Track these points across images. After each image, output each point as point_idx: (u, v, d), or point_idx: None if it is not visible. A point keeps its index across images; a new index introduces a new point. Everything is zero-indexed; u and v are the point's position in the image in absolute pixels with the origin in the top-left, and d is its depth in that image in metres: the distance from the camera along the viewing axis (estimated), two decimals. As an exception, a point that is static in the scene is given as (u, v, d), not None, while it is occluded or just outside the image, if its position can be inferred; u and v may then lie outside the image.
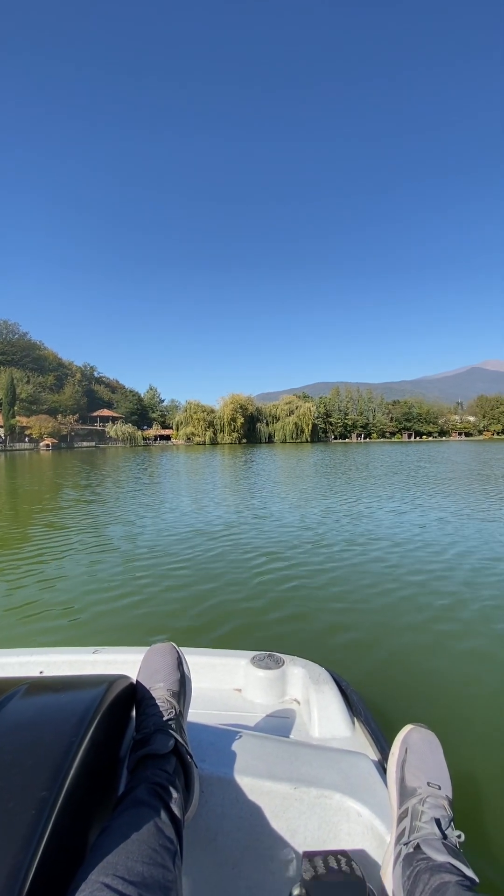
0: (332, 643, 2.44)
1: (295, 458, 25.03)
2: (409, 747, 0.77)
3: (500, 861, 1.14)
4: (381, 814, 0.75)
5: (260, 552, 4.38)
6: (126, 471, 16.73)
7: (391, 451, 32.73)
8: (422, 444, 58.12)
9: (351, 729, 1.12)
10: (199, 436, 71.89)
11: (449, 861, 0.59)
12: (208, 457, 28.59)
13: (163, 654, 0.88)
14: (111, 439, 69.42)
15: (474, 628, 2.59)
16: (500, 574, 3.58)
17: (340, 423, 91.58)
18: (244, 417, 74.21)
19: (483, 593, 3.15)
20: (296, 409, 75.89)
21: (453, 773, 0.74)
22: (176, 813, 0.61)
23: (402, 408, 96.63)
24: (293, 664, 1.32)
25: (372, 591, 3.22)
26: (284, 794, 0.78)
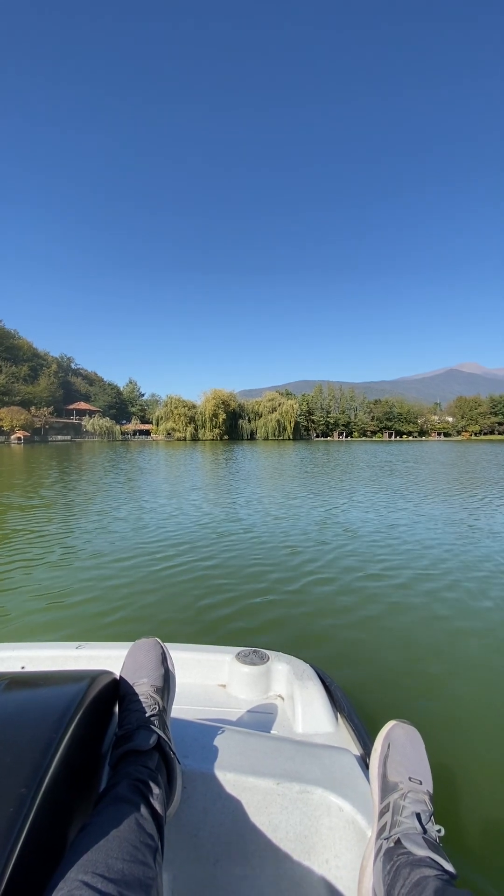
0: (317, 639, 2.44)
1: (278, 456, 24.22)
2: (392, 743, 0.77)
3: (477, 854, 1.18)
4: (362, 809, 0.76)
5: (245, 550, 4.30)
6: (96, 467, 15.55)
7: (375, 450, 32.26)
8: (403, 443, 58.27)
9: (334, 724, 1.13)
10: (179, 431, 70.34)
11: (429, 855, 0.59)
12: (189, 453, 27.53)
13: (147, 649, 0.87)
14: (88, 433, 67.12)
15: (457, 625, 2.61)
16: (482, 572, 3.61)
17: (323, 421, 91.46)
18: (226, 413, 73.00)
19: (465, 591, 3.16)
20: (278, 407, 75.09)
21: (434, 768, 0.74)
22: (157, 809, 0.61)
23: (384, 407, 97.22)
24: (278, 660, 1.32)
25: (356, 589, 3.22)
26: (267, 789, 0.78)
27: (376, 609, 2.87)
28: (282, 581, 3.40)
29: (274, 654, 1.35)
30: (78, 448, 36.51)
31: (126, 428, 76.87)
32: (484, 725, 1.74)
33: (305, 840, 0.77)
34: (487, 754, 1.57)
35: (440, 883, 0.54)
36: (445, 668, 2.15)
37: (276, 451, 29.41)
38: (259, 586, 3.28)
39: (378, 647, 2.36)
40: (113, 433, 69.00)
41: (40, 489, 9.26)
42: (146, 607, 2.89)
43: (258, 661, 1.30)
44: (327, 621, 2.69)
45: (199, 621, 2.66)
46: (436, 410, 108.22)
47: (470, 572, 3.61)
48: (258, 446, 42.34)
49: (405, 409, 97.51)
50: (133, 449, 35.32)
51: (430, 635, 2.50)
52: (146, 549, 4.37)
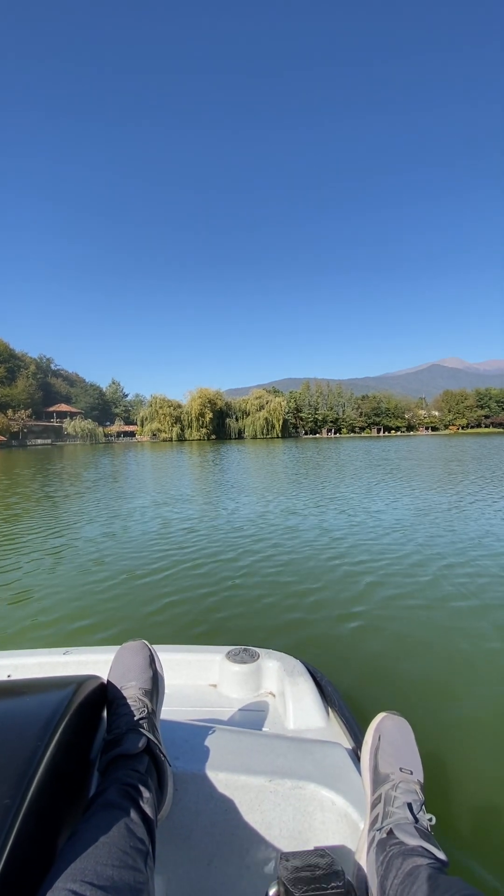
0: (307, 635, 2.45)
1: (267, 455, 22.91)
2: (383, 735, 0.78)
3: (468, 841, 1.20)
4: (354, 802, 0.76)
5: (233, 549, 4.29)
6: (74, 472, 14.08)
7: (366, 446, 31.17)
8: (393, 438, 57.54)
9: (325, 719, 1.13)
10: (165, 432, 68.43)
11: (421, 844, 0.60)
12: (174, 455, 26.04)
13: (134, 652, 0.87)
14: (69, 436, 64.70)
15: (446, 619, 2.63)
16: (471, 566, 3.61)
17: (311, 418, 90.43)
18: (213, 412, 71.34)
19: (454, 586, 3.16)
20: (266, 404, 73.75)
21: (425, 758, 0.75)
22: (148, 813, 0.60)
23: (371, 403, 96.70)
24: (268, 657, 1.32)
25: (344, 584, 3.23)
26: (259, 787, 0.78)
27: (366, 604, 2.88)
28: (271, 579, 3.37)
29: (264, 652, 1.35)
30: (59, 452, 34.74)
31: (110, 430, 74.60)
32: (473, 714, 1.77)
33: (299, 835, 0.77)
34: (476, 743, 1.60)
35: (432, 871, 0.54)
36: (434, 660, 2.17)
37: (266, 451, 28.07)
38: (248, 585, 3.26)
39: (367, 641, 2.38)
40: (96, 435, 66.75)
41: (11, 497, 8.63)
42: (134, 611, 2.85)
43: (248, 659, 1.30)
44: (317, 617, 2.68)
45: (189, 622, 2.64)
46: (422, 405, 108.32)
47: (460, 569, 3.57)
48: (247, 445, 41.12)
49: (393, 405, 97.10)
50: (117, 451, 33.75)
51: (418, 628, 2.52)
52: (132, 552, 4.28)
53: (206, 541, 4.69)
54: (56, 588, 3.33)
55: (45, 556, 4.28)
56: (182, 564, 3.83)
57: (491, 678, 2.04)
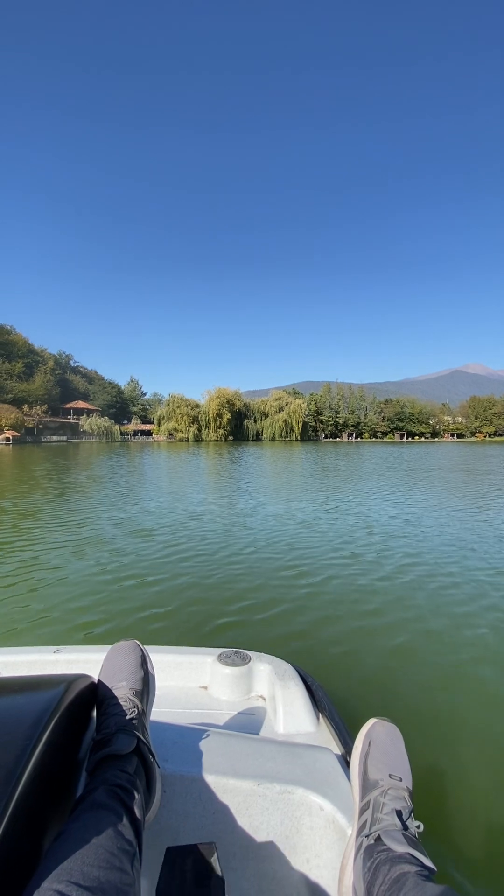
0: (299, 639, 2.46)
1: (287, 459, 20.93)
2: (373, 741, 0.77)
3: (456, 848, 1.21)
4: (343, 807, 0.76)
5: (226, 551, 4.29)
6: (80, 471, 12.66)
7: (393, 453, 28.86)
8: (417, 445, 54.75)
9: (315, 724, 1.13)
10: (182, 432, 67.11)
11: (408, 852, 0.59)
12: (188, 456, 24.32)
13: (126, 652, 0.86)
14: (85, 433, 63.94)
15: (437, 626, 2.62)
16: (463, 574, 3.61)
17: (331, 421, 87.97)
18: (231, 413, 69.73)
19: (447, 594, 3.16)
20: (286, 406, 71.76)
21: (415, 765, 0.75)
22: (136, 814, 0.60)
23: (395, 407, 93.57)
24: (259, 661, 1.32)
25: (338, 590, 3.25)
26: (248, 790, 0.77)
27: (358, 609, 2.88)
28: (265, 584, 3.36)
29: (255, 655, 1.34)
30: (73, 449, 33.47)
31: (126, 428, 73.77)
32: (464, 722, 1.76)
33: (286, 840, 0.77)
34: (466, 750, 1.60)
35: (419, 878, 0.54)
36: (427, 667, 2.16)
37: (284, 455, 26.09)
38: (241, 588, 3.24)
39: (359, 646, 2.37)
40: (112, 433, 65.83)
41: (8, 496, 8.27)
42: (126, 610, 2.83)
43: (240, 661, 1.30)
44: (309, 621, 2.68)
45: (181, 623, 2.63)
46: (446, 411, 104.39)
47: (453, 576, 3.57)
48: (265, 448, 39.38)
49: (417, 410, 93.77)
50: (132, 451, 32.37)
51: (411, 636, 2.50)
52: (127, 553, 4.26)
53: (203, 543, 4.60)
54: (48, 586, 3.29)
55: (38, 553, 4.21)
56: (177, 566, 3.79)
57: (482, 687, 2.01)
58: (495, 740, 1.67)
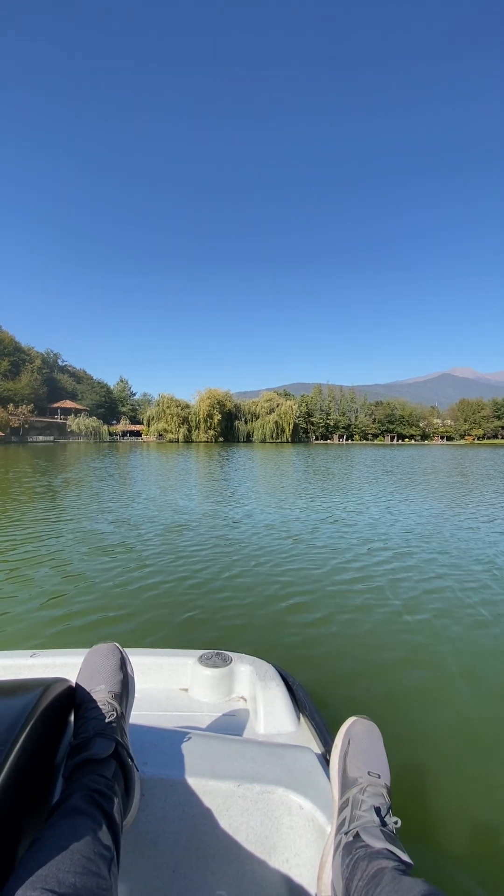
0: (281, 640, 2.47)
1: (276, 462, 20.42)
2: (352, 739, 0.78)
3: (433, 842, 1.24)
4: (322, 806, 0.76)
5: (208, 553, 4.24)
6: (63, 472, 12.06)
7: (385, 455, 28.57)
8: (408, 447, 54.73)
9: (296, 724, 1.14)
10: (171, 432, 66.27)
11: (386, 847, 0.60)
12: (176, 457, 23.66)
13: (105, 654, 0.85)
14: (72, 433, 62.71)
15: (418, 625, 2.66)
16: (439, 572, 3.68)
17: (322, 423, 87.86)
18: (221, 414, 69.10)
19: (427, 593, 3.21)
20: (277, 408, 71.33)
21: (394, 761, 0.76)
22: (114, 819, 0.59)
23: (385, 409, 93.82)
24: (240, 661, 1.32)
25: (318, 590, 3.25)
26: (228, 792, 0.78)
27: (340, 610, 2.88)
28: (246, 584, 3.34)
29: (237, 656, 1.34)
30: (60, 450, 32.58)
31: (115, 428, 72.63)
32: (441, 718, 1.79)
33: (266, 840, 0.77)
34: (444, 746, 1.64)
35: (396, 873, 0.55)
36: (406, 665, 2.21)
37: (275, 457, 25.59)
38: (223, 589, 3.23)
39: (340, 646, 2.39)
40: (100, 434, 64.72)
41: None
42: (106, 613, 2.79)
43: (221, 663, 1.30)
44: (291, 622, 2.69)
45: (162, 626, 2.62)
46: (436, 414, 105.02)
47: (432, 573, 3.64)
48: (255, 449, 38.91)
49: (407, 412, 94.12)
50: (120, 451, 31.51)
51: (391, 635, 2.54)
52: (104, 553, 4.21)
53: (184, 544, 4.56)
54: (25, 588, 3.23)
55: (14, 555, 4.13)
56: (159, 567, 3.75)
57: (460, 684, 2.05)
58: (472, 736, 1.70)
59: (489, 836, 1.27)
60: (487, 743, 1.68)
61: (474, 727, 1.76)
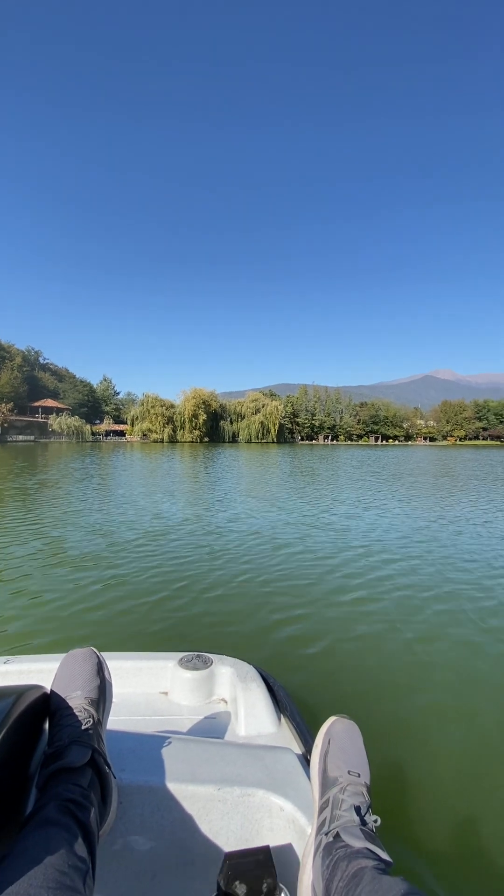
0: (262, 641, 2.46)
1: (261, 463, 20.13)
2: (332, 738, 0.78)
3: (413, 839, 1.26)
4: (303, 807, 0.76)
5: (188, 553, 4.19)
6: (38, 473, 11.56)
7: (371, 456, 28.59)
8: (393, 448, 55.21)
9: (277, 725, 1.14)
10: (156, 432, 65.45)
11: (366, 846, 0.60)
12: (164, 458, 23.18)
13: (81, 660, 0.83)
14: (54, 433, 61.31)
15: (397, 624, 2.66)
16: (422, 572, 3.68)
17: (308, 423, 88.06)
18: (207, 414, 68.58)
19: (406, 591, 3.24)
20: (262, 408, 71.14)
21: (374, 759, 0.76)
22: (90, 829, 0.57)
23: (370, 410, 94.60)
24: (221, 663, 1.31)
25: (299, 589, 3.25)
26: (208, 796, 0.77)
27: (320, 610, 2.88)
28: (228, 585, 3.32)
29: (217, 658, 1.33)
30: (41, 449, 31.67)
31: (98, 428, 71.40)
32: (421, 716, 1.80)
33: (247, 843, 0.76)
34: (425, 743, 1.65)
35: (376, 872, 0.54)
36: (386, 664, 2.22)
37: (261, 458, 25.30)
38: (205, 590, 3.19)
39: (320, 646, 2.39)
40: (83, 433, 63.42)
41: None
42: (83, 616, 2.72)
43: (201, 665, 1.28)
44: (273, 623, 2.68)
45: (142, 628, 2.57)
46: (419, 415, 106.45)
47: (415, 574, 3.65)
48: (241, 449, 38.67)
49: (391, 413, 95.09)
50: (103, 451, 30.77)
51: (371, 634, 2.55)
52: (83, 555, 4.09)
53: (163, 545, 4.50)
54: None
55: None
56: (137, 569, 3.67)
57: (439, 682, 2.06)
58: (453, 733, 1.71)
59: (468, 832, 1.28)
60: (468, 739, 1.67)
61: (455, 724, 1.76)
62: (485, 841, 1.25)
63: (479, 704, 1.91)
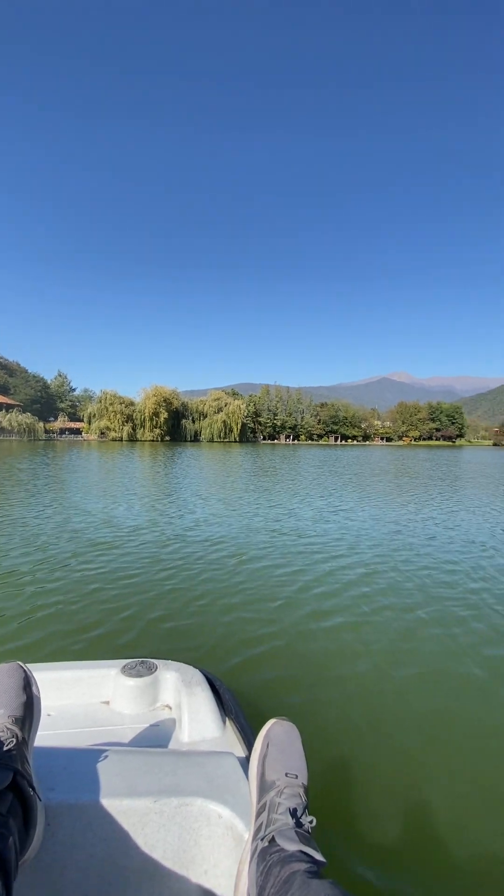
0: (210, 644, 2.42)
1: (223, 462, 19.84)
2: (271, 741, 0.77)
3: (353, 835, 1.27)
4: (242, 812, 0.74)
5: (132, 556, 4.08)
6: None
7: (332, 456, 29.02)
8: (353, 448, 56.60)
9: (221, 729, 1.12)
10: (115, 431, 63.21)
11: (300, 849, 0.59)
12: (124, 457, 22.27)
13: (5, 676, 0.80)
14: (4, 431, 57.80)
15: (342, 624, 2.68)
16: (372, 572, 3.69)
17: (270, 423, 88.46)
18: (168, 412, 67.07)
19: (352, 589, 3.29)
20: (225, 407, 70.61)
21: (319, 759, 0.80)
22: (6, 859, 0.54)
23: (330, 411, 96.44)
24: (166, 669, 1.28)
25: (248, 592, 3.22)
26: (144, 809, 0.75)
27: (267, 611, 2.87)
28: (175, 588, 3.26)
29: (163, 663, 1.31)
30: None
31: (52, 426, 68.08)
32: (363, 713, 1.84)
33: (184, 854, 0.75)
34: (367, 738, 1.68)
35: (306, 876, 0.54)
36: (333, 663, 2.24)
37: (223, 458, 24.96)
38: (152, 595, 3.12)
39: (268, 647, 2.39)
40: (35, 431, 60.13)
41: None
42: (11, 627, 2.58)
43: (145, 671, 1.25)
44: (220, 625, 2.65)
45: (84, 637, 2.46)
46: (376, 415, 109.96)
47: (364, 574, 3.65)
48: (203, 449, 38.02)
49: (350, 413, 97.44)
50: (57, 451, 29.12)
51: (318, 634, 2.55)
52: (17, 558, 3.91)
53: (107, 547, 4.32)
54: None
55: None
56: (78, 574, 3.51)
57: (386, 681, 2.10)
58: (392, 728, 1.75)
59: (408, 826, 1.30)
60: (410, 736, 1.70)
61: (397, 721, 1.79)
62: (423, 833, 1.27)
63: (421, 701, 1.95)
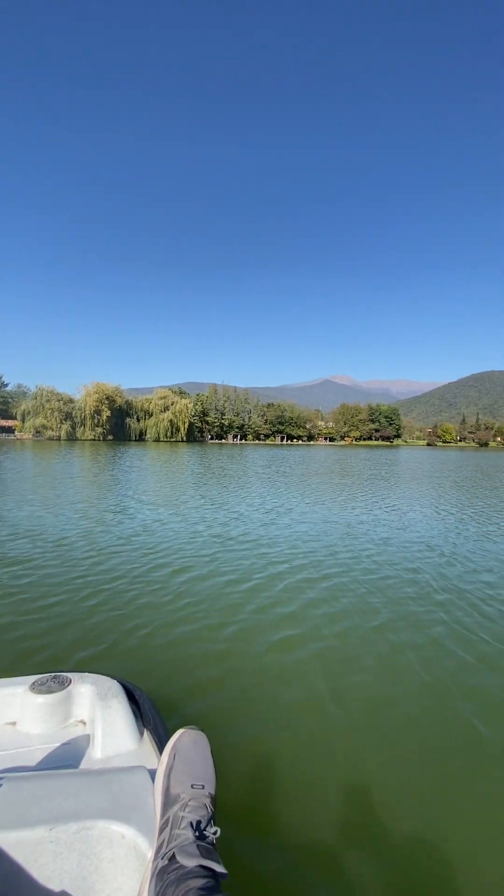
0: (130, 651, 2.37)
1: (170, 463, 19.42)
2: (178, 753, 0.75)
3: (270, 837, 1.27)
4: (147, 831, 0.71)
5: (53, 561, 3.90)
6: None
7: (279, 455, 29.48)
8: (298, 447, 57.88)
9: (138, 741, 1.08)
10: (52, 429, 59.55)
11: (200, 863, 0.57)
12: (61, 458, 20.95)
13: None
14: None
15: (268, 630, 2.67)
16: (302, 578, 3.63)
17: (217, 422, 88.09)
18: (111, 410, 64.41)
19: (275, 591, 3.28)
20: (171, 405, 69.14)
21: (228, 766, 0.75)
22: None
23: (276, 411, 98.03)
24: (81, 682, 1.21)
25: (172, 597, 3.14)
26: (37, 840, 0.69)
27: (192, 616, 2.83)
28: (91, 596, 3.13)
29: (78, 676, 1.23)
30: None
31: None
32: (287, 715, 1.84)
33: (84, 882, 0.71)
34: (287, 742, 1.67)
35: (202, 893, 0.53)
36: (258, 668, 2.23)
37: (167, 457, 24.39)
38: (66, 604, 2.98)
39: (191, 652, 2.36)
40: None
41: None
42: None
43: (57, 687, 1.17)
44: (141, 632, 2.59)
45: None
46: (320, 416, 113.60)
47: (297, 579, 3.60)
48: (148, 448, 37.01)
49: (296, 414, 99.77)
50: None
51: (242, 638, 2.54)
52: None
53: (24, 564, 3.87)
54: None
55: None
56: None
57: (303, 682, 2.11)
58: (312, 732, 1.74)
59: (321, 826, 1.30)
60: (330, 743, 1.70)
61: (315, 722, 1.80)
62: (335, 833, 1.29)
63: (341, 703, 1.95)
